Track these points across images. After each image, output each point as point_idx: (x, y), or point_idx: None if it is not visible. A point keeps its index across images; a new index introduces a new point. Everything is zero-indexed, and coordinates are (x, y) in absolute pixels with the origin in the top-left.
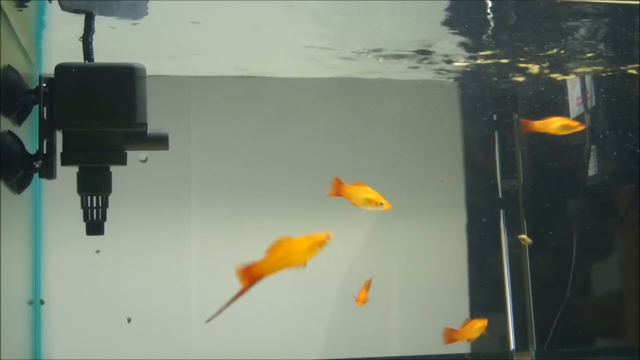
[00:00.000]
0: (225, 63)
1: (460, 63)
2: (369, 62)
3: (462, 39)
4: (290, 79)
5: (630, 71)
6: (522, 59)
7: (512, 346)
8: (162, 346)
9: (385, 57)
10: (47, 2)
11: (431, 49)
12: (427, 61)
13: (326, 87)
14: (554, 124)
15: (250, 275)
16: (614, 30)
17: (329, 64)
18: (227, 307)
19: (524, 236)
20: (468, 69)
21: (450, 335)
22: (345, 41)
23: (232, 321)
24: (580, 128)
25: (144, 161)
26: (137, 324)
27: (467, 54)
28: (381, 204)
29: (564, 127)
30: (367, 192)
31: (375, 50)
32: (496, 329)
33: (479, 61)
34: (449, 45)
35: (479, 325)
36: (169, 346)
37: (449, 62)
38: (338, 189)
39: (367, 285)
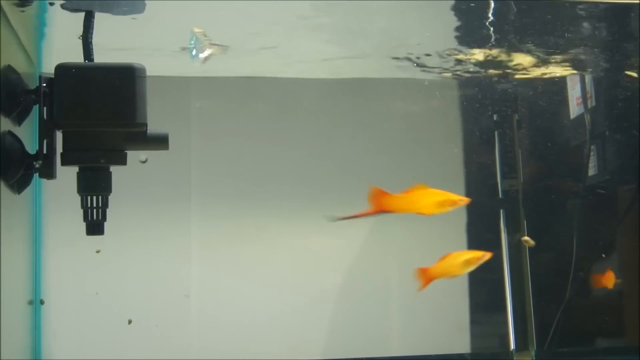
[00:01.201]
0: (225, 62)
1: (460, 63)
2: (369, 62)
3: (462, 38)
4: (290, 79)
5: (630, 70)
6: (522, 59)
7: (512, 346)
8: (162, 346)
9: (385, 57)
10: (48, 4)
11: (431, 49)
12: (426, 61)
13: (326, 87)
14: None
15: (379, 201)
16: (614, 29)
17: (329, 64)
18: (351, 217)
19: (527, 238)
20: (468, 69)
21: (599, 280)
22: (346, 41)
23: (232, 321)
24: None
25: (144, 162)
26: (137, 324)
27: (468, 54)
28: (483, 255)
29: None
30: (463, 255)
31: (375, 50)
32: (496, 329)
33: (479, 61)
34: (449, 44)
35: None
36: (169, 346)
37: (449, 62)
38: (426, 275)
39: None
